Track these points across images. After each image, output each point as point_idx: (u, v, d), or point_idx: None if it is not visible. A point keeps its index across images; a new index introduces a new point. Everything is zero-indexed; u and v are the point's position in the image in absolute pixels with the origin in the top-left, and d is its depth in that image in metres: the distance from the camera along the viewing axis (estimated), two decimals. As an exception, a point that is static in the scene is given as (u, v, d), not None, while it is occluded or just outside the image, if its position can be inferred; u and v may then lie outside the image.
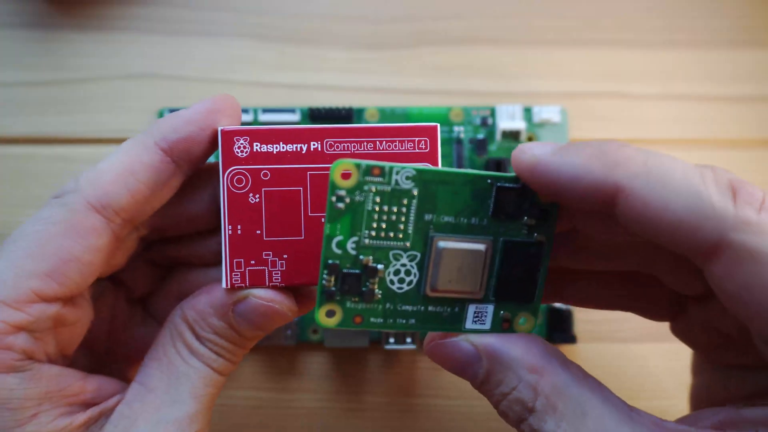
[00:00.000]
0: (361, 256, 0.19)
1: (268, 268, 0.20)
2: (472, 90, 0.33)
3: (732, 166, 0.19)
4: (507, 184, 0.19)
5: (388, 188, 0.18)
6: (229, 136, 0.20)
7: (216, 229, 0.22)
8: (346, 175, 0.18)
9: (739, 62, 0.33)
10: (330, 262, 0.18)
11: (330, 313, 0.19)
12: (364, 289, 0.19)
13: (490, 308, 0.20)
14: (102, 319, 0.23)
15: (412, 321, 0.19)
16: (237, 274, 0.20)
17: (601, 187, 0.17)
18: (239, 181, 0.20)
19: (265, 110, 0.31)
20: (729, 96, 0.33)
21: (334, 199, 0.18)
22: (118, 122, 0.32)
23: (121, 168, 0.20)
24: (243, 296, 0.20)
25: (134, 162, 0.20)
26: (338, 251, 0.18)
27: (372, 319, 0.19)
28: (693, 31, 0.33)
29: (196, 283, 0.23)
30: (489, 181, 0.19)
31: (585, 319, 0.31)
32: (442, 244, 0.19)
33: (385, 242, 0.19)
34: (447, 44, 0.33)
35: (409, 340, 0.29)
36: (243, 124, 0.31)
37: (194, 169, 0.21)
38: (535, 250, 0.19)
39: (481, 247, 0.19)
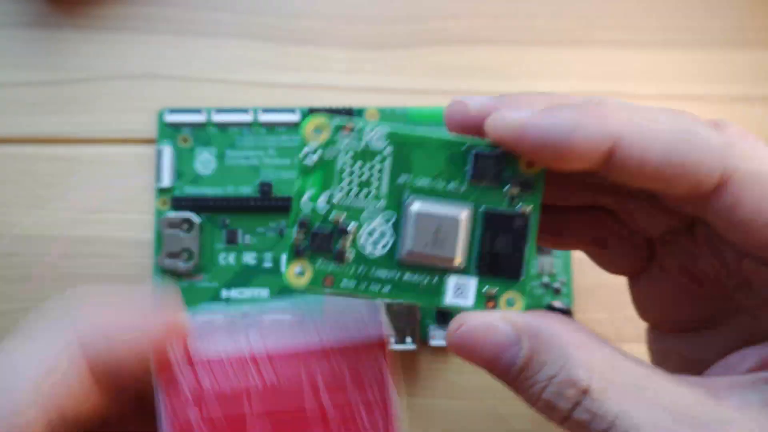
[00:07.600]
0: (332, 214, 0.18)
1: None
2: (472, 90, 0.33)
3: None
4: (485, 151, 0.18)
5: (359, 147, 0.18)
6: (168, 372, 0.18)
7: None
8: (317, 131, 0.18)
9: (738, 62, 0.33)
10: (300, 218, 0.18)
11: (299, 272, 0.18)
12: (336, 247, 0.18)
13: (473, 282, 0.18)
14: None
15: (387, 288, 0.18)
16: None
17: (598, 140, 0.16)
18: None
19: (266, 110, 0.31)
20: (728, 96, 0.33)
21: (304, 154, 0.18)
22: (118, 122, 0.32)
23: (31, 383, 0.15)
24: None
25: (49, 374, 0.16)
26: (308, 208, 0.18)
27: (344, 282, 0.18)
28: (692, 31, 0.33)
29: None
30: (464, 148, 0.18)
31: (586, 318, 0.31)
32: (416, 206, 0.18)
33: (357, 201, 0.18)
34: (447, 44, 0.33)
35: (409, 339, 0.29)
36: (242, 124, 0.31)
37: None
38: (520, 223, 0.18)
39: (457, 213, 0.18)
